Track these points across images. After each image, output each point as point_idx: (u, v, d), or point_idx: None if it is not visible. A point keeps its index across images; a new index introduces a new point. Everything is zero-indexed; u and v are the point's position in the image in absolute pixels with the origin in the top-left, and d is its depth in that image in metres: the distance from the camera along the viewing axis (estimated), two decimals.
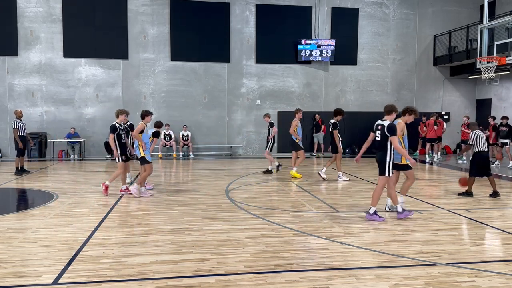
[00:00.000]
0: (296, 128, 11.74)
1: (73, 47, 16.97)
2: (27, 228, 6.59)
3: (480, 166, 8.95)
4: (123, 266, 4.94)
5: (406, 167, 7.40)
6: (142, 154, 9.09)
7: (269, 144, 12.53)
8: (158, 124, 10.38)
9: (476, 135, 9.03)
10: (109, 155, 16.75)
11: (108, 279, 4.57)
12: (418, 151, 18.02)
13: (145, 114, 9.18)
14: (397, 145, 6.77)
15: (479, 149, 8.97)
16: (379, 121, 7.10)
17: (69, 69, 17.09)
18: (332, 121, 11.40)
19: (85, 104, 17.25)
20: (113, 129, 9.34)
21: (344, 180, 11.38)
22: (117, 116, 9.60)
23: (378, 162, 7.00)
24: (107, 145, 16.66)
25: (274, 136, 12.59)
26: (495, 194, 8.91)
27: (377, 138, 7.05)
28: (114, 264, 4.98)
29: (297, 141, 11.82)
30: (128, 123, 10.38)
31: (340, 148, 11.37)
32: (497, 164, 14.28)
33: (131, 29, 17.44)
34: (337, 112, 11.50)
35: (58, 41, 16.89)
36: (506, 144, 14.09)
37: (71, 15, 16.86)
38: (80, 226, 6.69)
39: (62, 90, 17.09)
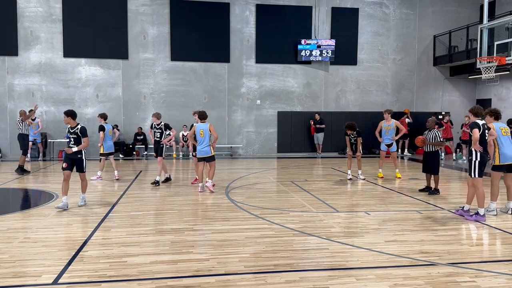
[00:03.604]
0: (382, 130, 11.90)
1: (73, 47, 16.97)
2: (27, 228, 6.59)
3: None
4: (123, 266, 4.94)
5: None
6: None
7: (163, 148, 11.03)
8: (102, 116, 11.56)
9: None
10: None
11: (108, 279, 4.57)
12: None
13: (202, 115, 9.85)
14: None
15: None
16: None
17: (69, 69, 17.09)
18: (355, 131, 11.33)
19: (85, 104, 17.26)
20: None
21: (361, 179, 11.60)
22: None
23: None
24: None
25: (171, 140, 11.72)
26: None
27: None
28: (114, 264, 4.98)
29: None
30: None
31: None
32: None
33: (131, 29, 17.45)
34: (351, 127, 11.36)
35: (58, 41, 16.89)
36: None
37: (71, 15, 16.87)
38: (80, 226, 6.69)
39: (62, 90, 17.09)
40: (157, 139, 10.75)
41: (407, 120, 17.50)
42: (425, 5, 19.29)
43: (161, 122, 10.76)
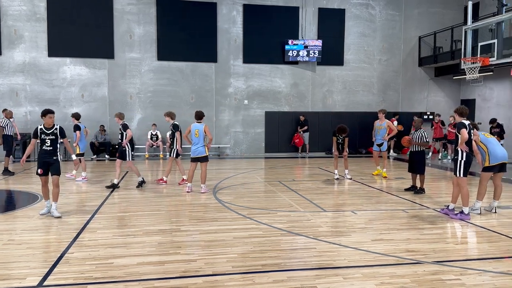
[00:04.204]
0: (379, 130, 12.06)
1: (58, 46, 16.74)
2: (12, 230, 6.47)
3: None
4: (109, 267, 4.89)
5: None
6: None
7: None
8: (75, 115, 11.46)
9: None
10: (95, 156, 16.61)
11: (94, 280, 4.52)
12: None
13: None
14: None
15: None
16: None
17: (53, 68, 16.86)
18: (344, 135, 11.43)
19: (70, 104, 17.03)
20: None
21: (348, 178, 11.70)
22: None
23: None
24: (92, 145, 16.52)
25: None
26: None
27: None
28: (100, 266, 4.93)
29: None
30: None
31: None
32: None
33: (117, 28, 17.29)
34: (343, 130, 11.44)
35: (42, 40, 16.65)
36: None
37: (55, 14, 16.63)
38: (65, 228, 6.60)
39: (47, 90, 16.85)
40: (120, 141, 10.42)
41: (395, 122, 17.66)
42: (410, 6, 19.51)
43: (121, 123, 10.38)
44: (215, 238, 6.05)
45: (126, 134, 10.23)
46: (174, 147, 10.71)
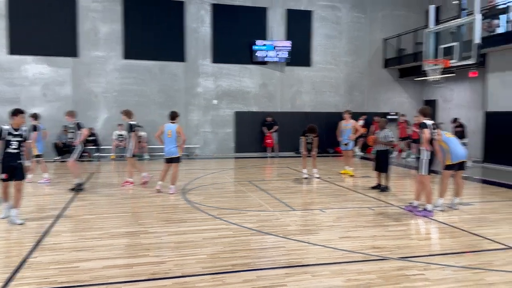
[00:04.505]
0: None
1: (19, 44, 16.09)
2: None
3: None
4: (74, 271, 4.76)
5: None
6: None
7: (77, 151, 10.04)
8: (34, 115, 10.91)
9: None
10: (59, 157, 16.09)
11: (58, 285, 4.39)
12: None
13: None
14: None
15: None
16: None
17: (14, 66, 16.21)
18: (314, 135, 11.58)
19: (32, 103, 16.39)
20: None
21: (316, 177, 11.82)
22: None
23: None
24: (56, 146, 16.02)
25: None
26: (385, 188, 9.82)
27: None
28: (65, 270, 4.79)
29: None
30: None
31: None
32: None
33: (81, 25, 16.82)
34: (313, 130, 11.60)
35: (2, 37, 15.96)
36: (465, 144, 14.56)
37: (17, 11, 15.99)
38: (27, 232, 6.36)
39: (7, 89, 16.18)
40: (70, 139, 10.01)
41: (360, 122, 18.04)
42: (375, 9, 19.99)
43: (74, 121, 9.93)
44: (185, 239, 6.00)
45: (79, 133, 9.76)
46: (130, 147, 10.45)
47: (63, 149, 16.34)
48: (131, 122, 10.51)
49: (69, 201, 8.60)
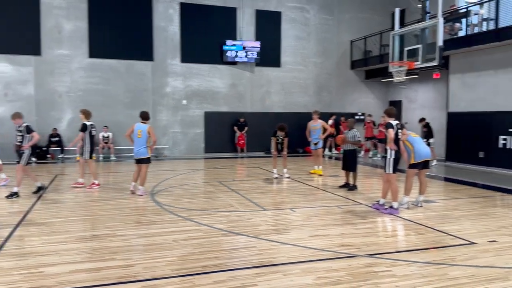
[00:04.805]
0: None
1: None
2: None
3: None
4: (39, 276, 4.60)
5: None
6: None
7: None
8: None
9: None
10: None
11: None
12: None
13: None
14: None
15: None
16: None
17: None
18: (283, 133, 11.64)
19: None
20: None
21: (286, 177, 11.88)
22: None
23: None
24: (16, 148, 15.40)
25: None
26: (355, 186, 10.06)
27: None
28: (29, 275, 4.62)
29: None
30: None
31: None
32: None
33: (44, 23, 16.28)
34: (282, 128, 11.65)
35: None
36: (429, 144, 14.94)
37: None
38: None
39: None
40: (19, 143, 9.27)
41: (330, 121, 18.31)
42: (342, 11, 20.35)
43: (23, 124, 9.29)
44: (153, 242, 5.90)
45: (30, 137, 9.16)
46: (85, 149, 10.15)
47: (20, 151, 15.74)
48: (86, 122, 10.17)
49: (32, 204, 8.30)
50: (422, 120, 15.61)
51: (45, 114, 16.55)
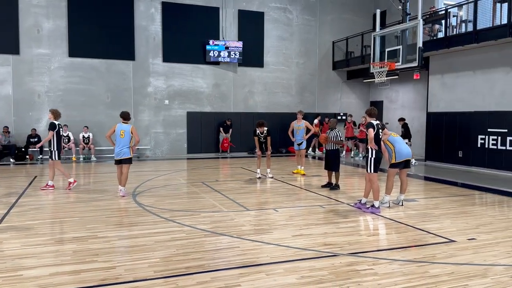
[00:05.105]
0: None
1: None
2: None
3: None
4: (18, 280, 4.49)
5: None
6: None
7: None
8: None
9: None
10: None
11: None
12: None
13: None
14: None
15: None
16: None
17: None
18: (266, 130, 11.60)
19: None
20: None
21: (270, 177, 11.93)
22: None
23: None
24: None
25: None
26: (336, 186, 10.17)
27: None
28: (8, 279, 4.51)
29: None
30: None
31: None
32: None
33: (23, 22, 15.94)
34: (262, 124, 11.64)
35: None
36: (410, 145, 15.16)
37: None
38: None
39: None
40: None
41: (315, 121, 18.44)
42: (325, 12, 20.50)
43: None
44: (136, 243, 5.84)
45: None
46: (53, 149, 9.90)
47: (3, 152, 15.42)
48: (55, 122, 9.95)
49: (10, 206, 8.12)
50: (401, 119, 15.88)
51: (24, 114, 16.21)
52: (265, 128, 11.57)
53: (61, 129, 10.06)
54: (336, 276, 4.68)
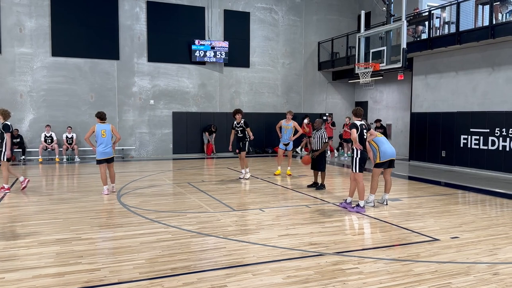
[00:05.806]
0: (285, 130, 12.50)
1: None
2: None
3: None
4: (0, 283, 4.41)
5: None
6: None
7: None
8: None
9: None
10: None
11: None
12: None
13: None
14: None
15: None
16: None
17: None
18: (240, 116, 11.48)
19: None
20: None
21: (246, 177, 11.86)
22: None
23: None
24: None
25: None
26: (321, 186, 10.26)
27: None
28: None
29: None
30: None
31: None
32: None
33: (5, 20, 15.65)
34: (239, 111, 11.58)
35: None
36: None
37: None
38: None
39: None
40: None
41: (305, 121, 18.48)
42: (310, 13, 20.61)
43: None
44: (121, 245, 5.78)
45: None
46: (3, 150, 9.71)
47: None
48: (8, 123, 9.77)
49: None
50: (377, 121, 16.14)
51: None
52: (242, 120, 11.42)
53: (14, 129, 9.84)
54: (322, 276, 4.71)
